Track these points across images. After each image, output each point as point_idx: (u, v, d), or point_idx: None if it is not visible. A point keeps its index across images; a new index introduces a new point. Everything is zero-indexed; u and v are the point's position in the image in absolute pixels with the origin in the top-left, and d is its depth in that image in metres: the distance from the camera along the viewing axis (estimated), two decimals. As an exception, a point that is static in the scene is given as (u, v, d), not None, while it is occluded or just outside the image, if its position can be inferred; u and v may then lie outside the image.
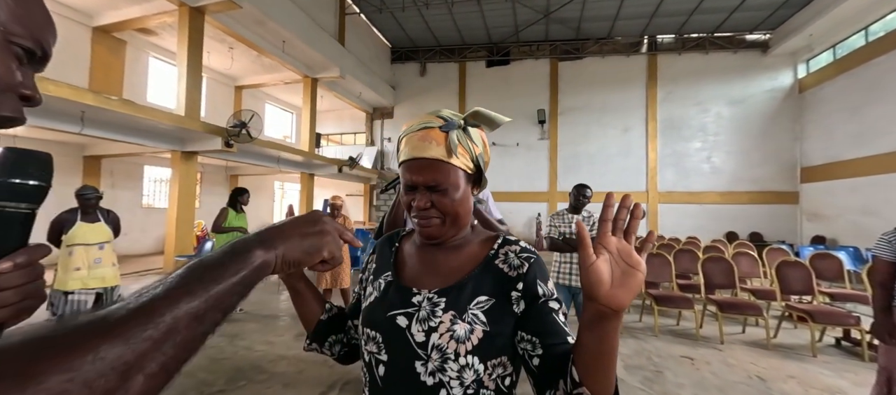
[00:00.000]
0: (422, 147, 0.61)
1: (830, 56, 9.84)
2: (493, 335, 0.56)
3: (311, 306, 0.73)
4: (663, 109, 11.63)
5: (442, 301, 0.59)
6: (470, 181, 0.65)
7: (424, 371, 0.56)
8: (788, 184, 10.73)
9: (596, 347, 0.46)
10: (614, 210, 0.47)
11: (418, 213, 0.63)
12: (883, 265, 1.95)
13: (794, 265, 3.98)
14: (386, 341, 0.60)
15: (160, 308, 0.27)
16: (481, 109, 0.63)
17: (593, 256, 0.45)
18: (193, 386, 2.57)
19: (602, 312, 0.45)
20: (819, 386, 2.76)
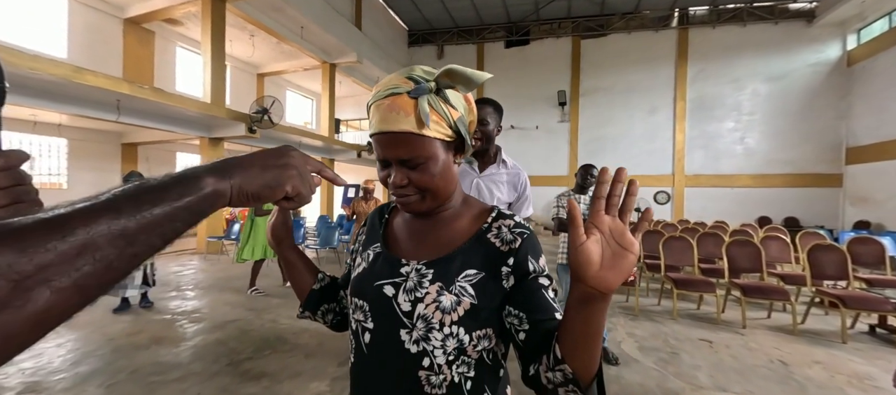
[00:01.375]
0: (390, 118, 0.54)
1: (885, 24, 8.94)
2: (479, 307, 0.56)
3: (304, 276, 0.74)
4: (693, 88, 11.01)
5: (430, 273, 0.58)
6: (451, 149, 0.60)
7: (409, 339, 0.56)
8: (831, 166, 10.00)
9: (581, 327, 0.45)
10: (608, 187, 0.43)
11: (395, 190, 0.59)
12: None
13: (828, 249, 3.76)
14: (372, 309, 0.60)
15: (73, 221, 0.25)
16: (455, 67, 0.55)
17: (584, 236, 0.43)
18: (225, 353, 2.77)
19: (589, 293, 0.44)
20: (846, 372, 2.64)
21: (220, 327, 3.32)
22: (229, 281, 5.16)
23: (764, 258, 3.99)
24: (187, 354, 2.78)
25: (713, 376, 2.58)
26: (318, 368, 2.57)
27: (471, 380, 0.57)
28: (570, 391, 0.48)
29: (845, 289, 3.62)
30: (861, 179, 9.35)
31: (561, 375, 0.48)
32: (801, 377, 2.56)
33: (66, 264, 0.23)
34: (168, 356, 2.73)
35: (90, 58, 6.93)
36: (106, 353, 2.74)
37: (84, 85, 4.75)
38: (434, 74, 0.57)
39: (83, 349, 2.80)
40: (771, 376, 2.59)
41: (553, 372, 0.49)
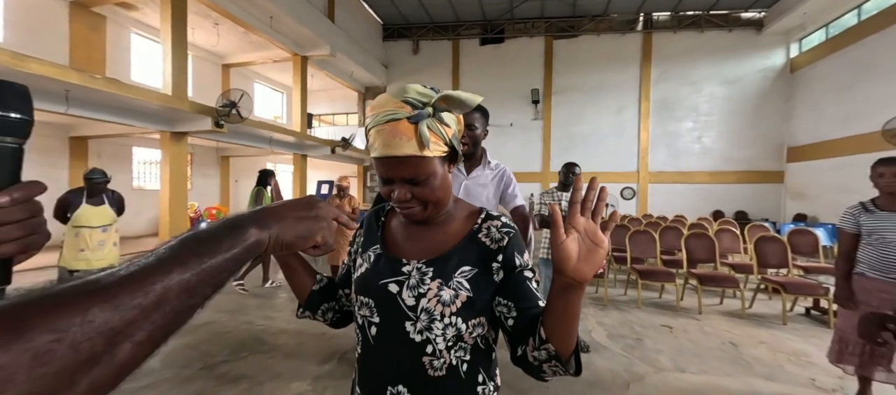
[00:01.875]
0: (393, 144, 0.59)
1: (823, 35, 9.86)
2: (474, 299, 0.63)
3: (303, 278, 0.78)
4: (657, 89, 11.63)
5: (430, 270, 0.65)
6: (446, 161, 0.66)
7: (413, 330, 0.63)
8: (775, 163, 10.95)
9: (562, 311, 0.53)
10: (583, 193, 0.51)
11: (399, 204, 0.65)
12: (846, 237, 2.09)
13: (772, 241, 4.16)
14: (378, 305, 0.66)
15: (152, 277, 0.26)
16: (451, 93, 0.60)
17: (563, 235, 0.51)
18: (197, 357, 2.68)
19: (568, 283, 0.51)
20: (786, 350, 2.97)
21: (190, 331, 3.19)
22: (197, 283, 4.94)
23: (718, 250, 4.35)
24: (155, 360, 2.64)
25: (674, 358, 2.81)
26: (299, 368, 2.55)
27: (467, 363, 0.65)
28: (553, 365, 0.57)
29: (786, 276, 4.03)
30: (799, 176, 10.31)
31: (545, 352, 0.56)
32: (749, 357, 2.85)
33: (145, 319, 0.25)
34: (135, 363, 2.61)
35: (32, 43, 6.31)
36: (64, 363, 2.57)
37: (27, 73, 4.34)
38: (429, 96, 0.60)
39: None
40: (723, 356, 2.85)
41: (538, 351, 0.57)
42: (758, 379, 2.51)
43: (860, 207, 2.05)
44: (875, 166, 2.00)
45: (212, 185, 12.10)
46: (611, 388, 2.37)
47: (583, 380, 2.44)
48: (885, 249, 1.91)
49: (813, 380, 2.50)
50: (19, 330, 0.21)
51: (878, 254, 1.95)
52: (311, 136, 10.96)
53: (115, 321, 0.23)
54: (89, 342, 0.23)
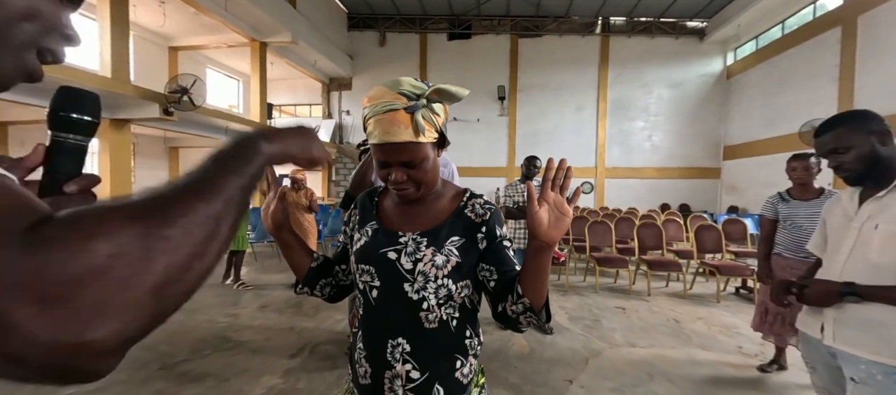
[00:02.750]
0: (392, 131, 0.68)
1: (754, 46, 11.01)
2: (462, 264, 0.74)
3: (301, 256, 0.85)
4: (613, 90, 12.36)
5: (424, 240, 0.75)
6: (436, 147, 0.75)
7: (411, 290, 0.73)
8: (712, 161, 12.10)
9: (535, 269, 0.66)
10: (554, 172, 0.63)
11: (395, 185, 0.73)
12: (766, 223, 2.42)
13: (709, 229, 4.65)
14: (378, 271, 0.75)
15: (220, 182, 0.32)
16: (443, 86, 0.69)
17: (537, 206, 0.62)
18: (155, 358, 2.53)
19: (540, 246, 0.63)
20: (719, 324, 3.36)
21: (143, 332, 2.99)
22: (147, 282, 4.58)
23: (664, 238, 4.79)
24: (106, 363, 2.47)
25: (626, 335, 3.08)
26: (268, 362, 2.50)
27: (456, 319, 0.76)
28: (528, 316, 0.69)
29: (720, 260, 4.53)
30: (733, 171, 11.50)
31: (522, 305, 0.68)
32: (689, 331, 3.20)
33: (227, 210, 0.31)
34: (82, 367, 2.41)
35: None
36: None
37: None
38: (422, 88, 0.69)
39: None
40: (668, 331, 3.18)
41: (516, 304, 0.69)
42: (696, 349, 2.83)
43: (778, 196, 2.38)
44: (789, 161, 2.34)
45: (159, 178, 11.08)
46: (572, 364, 2.57)
47: (546, 358, 2.63)
48: (797, 232, 2.23)
49: (740, 348, 2.87)
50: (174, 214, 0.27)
51: (791, 237, 2.27)
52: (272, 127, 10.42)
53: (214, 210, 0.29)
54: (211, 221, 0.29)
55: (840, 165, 1.11)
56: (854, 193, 1.16)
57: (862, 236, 1.08)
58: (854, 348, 1.06)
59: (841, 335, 1.09)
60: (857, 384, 1.04)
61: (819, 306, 1.15)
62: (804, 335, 1.25)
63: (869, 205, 1.09)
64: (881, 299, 1.01)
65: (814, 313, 1.19)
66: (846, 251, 1.11)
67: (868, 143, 1.06)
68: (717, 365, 2.59)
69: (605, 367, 2.55)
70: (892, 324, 0.99)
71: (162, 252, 0.25)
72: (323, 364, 2.48)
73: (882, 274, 1.02)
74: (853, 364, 1.06)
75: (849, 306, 1.07)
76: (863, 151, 1.07)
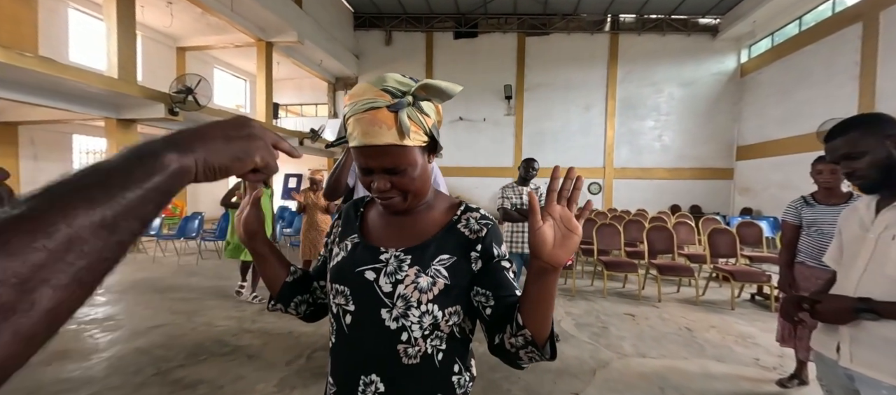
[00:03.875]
0: (373, 133, 0.58)
1: (769, 43, 10.68)
2: (451, 286, 0.64)
3: (276, 269, 0.76)
4: (622, 89, 12.13)
5: (408, 258, 0.64)
6: (426, 151, 0.65)
7: (389, 317, 0.62)
8: (725, 161, 11.79)
9: (537, 296, 0.55)
10: (560, 182, 0.53)
11: (379, 194, 0.64)
12: (788, 229, 2.27)
13: (723, 232, 4.48)
14: (353, 293, 0.65)
15: (52, 216, 0.23)
16: (430, 82, 0.59)
17: (541, 222, 0.52)
18: (150, 362, 2.49)
19: (544, 267, 0.53)
20: (734, 333, 3.21)
21: (140, 335, 2.96)
22: (150, 282, 4.59)
23: (675, 242, 4.62)
24: (101, 367, 2.44)
25: (635, 344, 2.95)
26: (264, 370, 2.43)
27: (442, 352, 0.65)
28: (529, 352, 0.58)
29: (734, 265, 4.35)
30: (746, 172, 11.19)
31: (522, 338, 0.57)
32: (702, 340, 3.05)
33: (58, 261, 0.23)
34: (76, 371, 2.38)
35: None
36: (-11, 374, 2.29)
37: (-62, 47, 3.80)
38: (408, 85, 0.60)
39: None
40: (679, 340, 3.04)
41: (515, 337, 0.58)
42: (710, 361, 2.69)
43: (802, 201, 2.24)
44: (814, 164, 2.19)
45: (167, 177, 11.26)
46: (578, 375, 2.46)
47: (552, 368, 2.51)
48: (822, 239, 2.09)
49: (757, 360, 2.72)
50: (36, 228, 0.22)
51: (816, 244, 2.12)
52: (278, 127, 10.47)
53: (16, 268, 0.21)
54: None
55: (853, 171, 1.03)
56: (871, 201, 1.07)
57: (879, 248, 0.99)
58: (873, 370, 0.97)
59: (858, 356, 1.00)
60: None
61: (833, 323, 1.05)
62: (818, 355, 1.15)
63: (886, 214, 1.00)
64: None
65: (829, 331, 1.09)
66: (862, 265, 1.02)
67: (883, 148, 0.97)
68: (733, 379, 2.45)
69: (614, 379, 2.43)
70: None
71: None
72: (319, 372, 2.40)
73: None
74: (873, 389, 0.97)
75: (867, 325, 0.98)
76: (877, 156, 0.98)
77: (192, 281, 4.65)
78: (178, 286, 4.41)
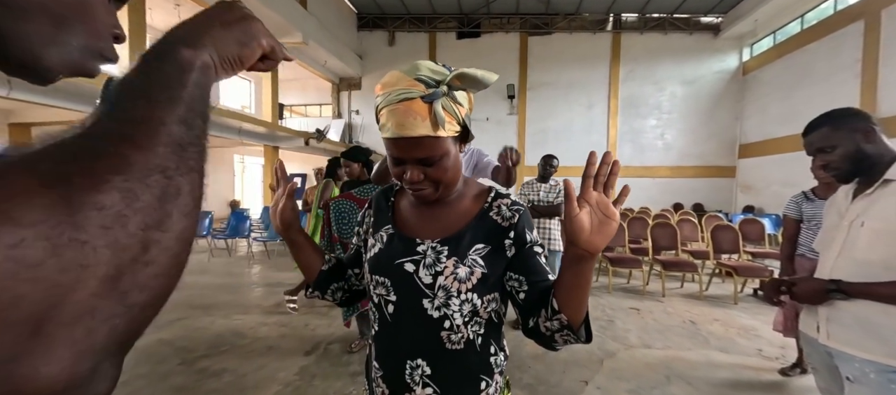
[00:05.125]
0: (408, 124, 0.58)
1: (771, 41, 10.72)
2: (488, 275, 0.65)
3: (312, 258, 0.78)
4: (624, 87, 12.19)
5: (445, 249, 0.66)
6: (458, 141, 0.66)
7: (431, 306, 0.65)
8: (727, 159, 11.84)
9: (573, 282, 0.56)
10: (596, 167, 0.53)
11: (411, 185, 0.64)
12: (790, 223, 2.36)
13: (726, 229, 4.56)
14: (394, 284, 0.67)
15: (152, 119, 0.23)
16: (467, 71, 0.58)
17: (577, 208, 0.52)
18: (174, 353, 2.59)
19: (580, 254, 0.54)
20: (737, 326, 3.29)
21: (163, 327, 3.06)
22: (165, 279, 4.69)
23: (679, 238, 4.70)
24: (128, 357, 2.51)
25: (641, 336, 3.04)
26: (284, 359, 2.53)
27: (481, 336, 0.68)
28: (564, 335, 0.60)
29: (737, 261, 4.43)
30: (749, 170, 11.24)
31: (557, 322, 0.59)
32: (706, 332, 3.14)
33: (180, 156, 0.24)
34: (105, 361, 2.47)
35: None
36: (22, 364, 2.40)
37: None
38: (443, 74, 0.59)
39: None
40: (683, 333, 3.12)
41: (551, 321, 0.59)
42: (714, 351, 2.78)
43: (802, 196, 2.32)
44: (814, 160, 2.27)
45: (173, 177, 11.39)
46: (587, 365, 2.54)
47: (561, 358, 2.60)
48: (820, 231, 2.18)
49: (760, 350, 2.81)
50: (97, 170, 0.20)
51: (815, 237, 2.21)
52: (283, 127, 10.58)
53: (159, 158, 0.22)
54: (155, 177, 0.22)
55: (827, 163, 1.13)
56: (849, 190, 1.16)
57: (850, 234, 1.08)
58: (847, 346, 1.05)
59: (834, 334, 1.09)
60: (852, 384, 1.03)
61: (809, 303, 1.15)
62: (804, 336, 1.23)
63: (858, 202, 1.09)
64: (864, 296, 1.01)
65: (811, 312, 1.18)
66: (837, 250, 1.11)
67: (852, 141, 1.07)
68: (737, 368, 2.53)
69: (621, 368, 2.51)
70: (882, 322, 0.99)
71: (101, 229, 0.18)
72: (337, 362, 2.50)
73: (868, 271, 1.02)
74: (848, 363, 1.05)
75: (841, 304, 1.07)
76: (848, 149, 1.08)
77: (205, 278, 4.76)
78: (193, 283, 4.51)
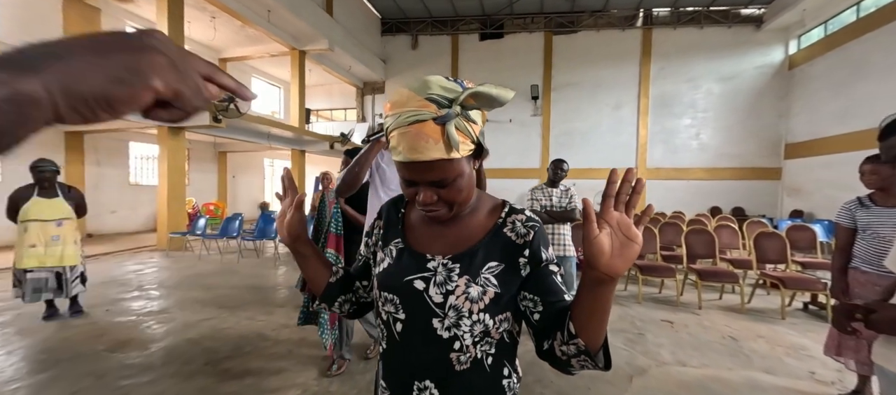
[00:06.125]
0: (419, 147, 0.55)
1: (822, 32, 9.88)
2: (502, 295, 0.63)
3: (320, 270, 0.76)
4: (655, 86, 11.64)
5: (456, 267, 0.63)
6: (472, 158, 0.63)
7: (441, 326, 0.62)
8: (771, 160, 11.01)
9: (592, 306, 0.53)
10: (617, 186, 0.49)
11: (424, 207, 0.62)
12: (842, 232, 2.13)
13: (771, 236, 4.19)
14: (403, 302, 0.65)
15: None
16: (481, 90, 0.55)
17: (597, 230, 0.49)
18: (200, 353, 2.67)
19: (600, 278, 0.50)
20: (784, 344, 3.00)
21: (191, 327, 3.18)
22: (197, 279, 4.91)
23: (717, 246, 4.38)
24: (159, 356, 2.65)
25: (674, 352, 2.83)
26: (303, 364, 2.55)
27: (491, 356, 0.65)
28: (581, 360, 0.56)
29: (784, 271, 4.07)
30: (796, 172, 10.38)
31: (574, 347, 0.55)
32: (748, 350, 2.88)
33: None
34: (138, 358, 2.59)
35: (25, 36, 6.19)
36: (65, 359, 2.55)
37: (21, 66, 4.27)
38: (455, 91, 0.56)
39: (39, 357, 2.60)
40: (723, 350, 2.88)
41: (567, 345, 0.56)
42: (758, 372, 2.54)
43: (857, 202, 2.09)
44: (862, 164, 2.07)
45: (209, 180, 12.03)
46: (613, 382, 2.39)
47: (585, 375, 2.46)
48: (879, 244, 1.95)
49: (812, 373, 2.53)
50: None
51: (871, 248, 1.98)
52: (310, 131, 10.90)
53: None
54: None
55: None
56: None
57: None
58: None
59: None
60: None
61: (890, 334, 0.98)
62: (880, 369, 1.06)
63: None
64: None
65: (891, 343, 1.00)
66: None
67: None
68: (785, 393, 2.29)
69: (652, 387, 2.34)
70: None
71: None
72: (354, 368, 2.49)
73: None
74: None
75: None
76: None
77: (234, 279, 4.94)
78: (221, 283, 4.69)
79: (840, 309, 1.13)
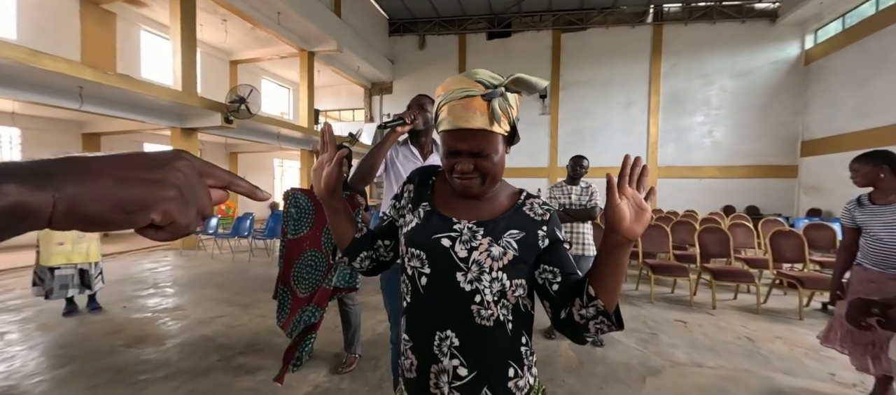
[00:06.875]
0: (466, 117, 0.66)
1: (839, 25, 9.61)
2: (519, 259, 0.70)
3: (347, 225, 0.82)
4: (667, 83, 11.45)
5: (481, 230, 0.71)
6: (506, 142, 0.72)
7: (464, 280, 0.69)
8: (787, 158, 10.74)
9: (611, 267, 0.61)
10: (629, 168, 0.61)
11: (461, 175, 0.70)
12: (845, 231, 2.15)
13: (788, 235, 4.09)
14: (429, 257, 0.72)
15: None
16: (522, 75, 0.67)
17: (618, 198, 0.60)
18: (215, 349, 2.71)
19: (620, 241, 0.60)
20: (803, 345, 2.92)
21: (206, 324, 3.23)
22: (211, 277, 4.99)
23: (732, 245, 4.29)
24: (174, 351, 2.70)
25: (689, 353, 2.78)
26: (315, 359, 2.57)
27: (511, 322, 0.71)
28: (598, 322, 0.63)
29: (802, 271, 3.96)
30: (814, 169, 10.11)
31: (593, 309, 0.63)
32: (766, 352, 2.81)
33: None
34: (154, 354, 2.64)
35: (43, 41, 6.38)
36: (84, 354, 2.61)
37: (41, 70, 4.40)
38: (500, 79, 0.68)
39: (59, 352, 2.66)
40: (739, 351, 2.82)
41: (586, 308, 0.63)
42: (777, 374, 2.47)
43: (856, 202, 2.09)
44: (850, 163, 2.06)
45: (220, 181, 12.19)
46: (627, 382, 2.35)
47: (598, 375, 2.43)
48: (874, 241, 1.96)
49: (833, 375, 2.46)
50: None
51: (869, 246, 2.00)
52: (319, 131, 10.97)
53: None
54: None
55: None
56: None
57: None
58: None
59: None
60: None
61: None
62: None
63: None
64: None
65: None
66: None
67: None
68: (805, 394, 2.23)
69: (667, 387, 2.30)
70: None
71: None
72: (365, 365, 2.50)
73: None
74: None
75: None
76: None
77: (245, 277, 5.00)
78: (234, 281, 4.76)
79: (856, 304, 1.10)
